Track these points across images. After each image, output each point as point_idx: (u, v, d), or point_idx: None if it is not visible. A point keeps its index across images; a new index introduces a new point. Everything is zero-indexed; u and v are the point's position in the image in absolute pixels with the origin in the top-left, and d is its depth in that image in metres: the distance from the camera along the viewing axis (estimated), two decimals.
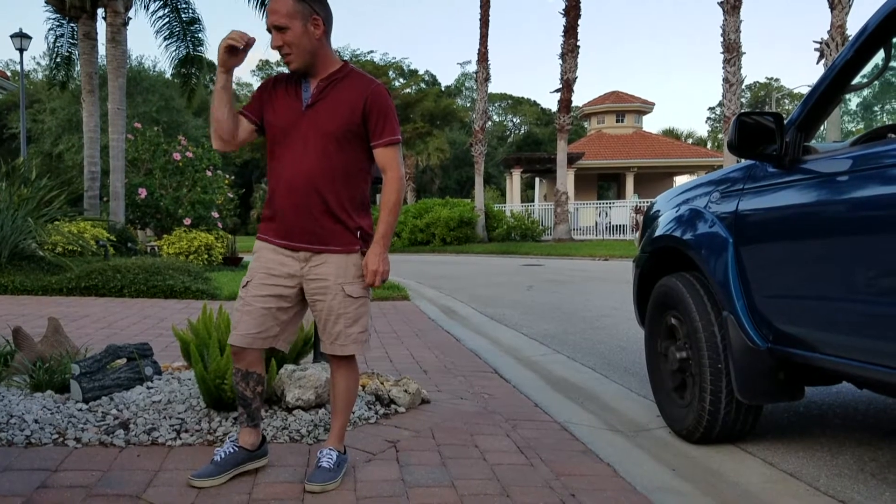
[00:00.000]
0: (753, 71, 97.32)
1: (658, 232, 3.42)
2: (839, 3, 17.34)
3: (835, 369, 2.48)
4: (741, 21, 19.58)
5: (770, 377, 2.75)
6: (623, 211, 27.94)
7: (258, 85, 2.50)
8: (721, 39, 19.79)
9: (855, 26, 18.96)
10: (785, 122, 2.70)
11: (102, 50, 14.86)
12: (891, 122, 3.15)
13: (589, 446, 2.93)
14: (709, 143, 57.59)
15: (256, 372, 2.46)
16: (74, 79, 21.01)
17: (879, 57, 2.57)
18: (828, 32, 17.67)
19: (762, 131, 2.69)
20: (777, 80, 60.32)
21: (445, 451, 2.79)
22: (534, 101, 59.84)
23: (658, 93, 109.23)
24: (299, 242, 2.39)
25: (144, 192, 13.67)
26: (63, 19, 15.70)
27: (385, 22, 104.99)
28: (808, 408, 3.62)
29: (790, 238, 2.58)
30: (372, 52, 43.22)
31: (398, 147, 2.41)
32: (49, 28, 16.14)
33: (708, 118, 66.94)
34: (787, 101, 53.19)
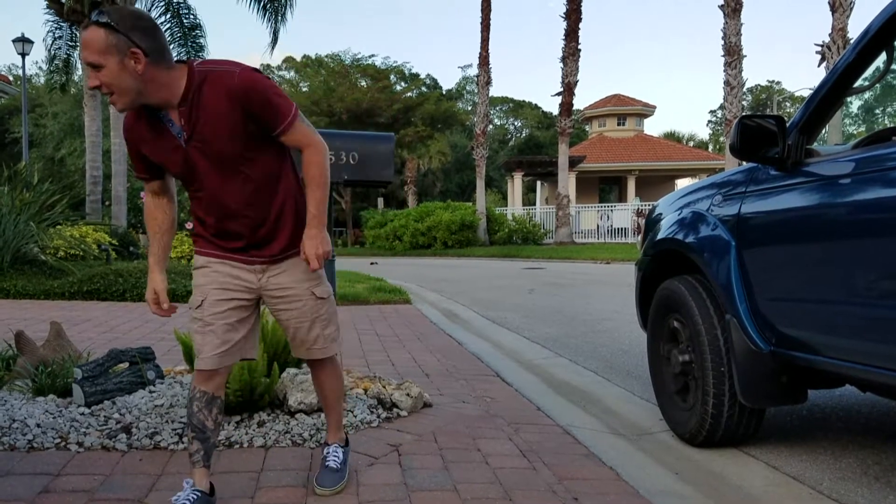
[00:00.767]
0: (754, 74, 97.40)
1: (660, 235, 3.42)
2: (840, 6, 17.35)
3: (838, 372, 2.47)
4: (742, 24, 19.61)
5: (773, 380, 2.75)
6: (625, 214, 27.95)
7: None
8: (722, 42, 19.81)
9: (856, 29, 18.99)
10: (787, 125, 2.70)
11: None
12: (893, 125, 3.15)
13: (591, 450, 2.92)
14: (710, 146, 57.57)
15: (220, 398, 2.26)
16: (76, 83, 21.04)
17: (881, 60, 2.57)
18: (829, 35, 17.68)
19: (764, 134, 2.69)
20: (778, 83, 60.33)
21: (448, 455, 2.78)
22: (535, 105, 59.86)
23: (659, 96, 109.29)
24: (253, 258, 2.23)
25: None
26: (62, 22, 15.75)
27: (386, 25, 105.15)
28: (811, 411, 3.61)
29: (793, 241, 2.57)
30: (373, 56, 43.23)
31: (298, 120, 2.12)
32: (48, 31, 16.19)
33: (709, 121, 66.99)
34: (789, 104, 53.18)
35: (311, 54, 41.15)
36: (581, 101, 60.50)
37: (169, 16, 15.89)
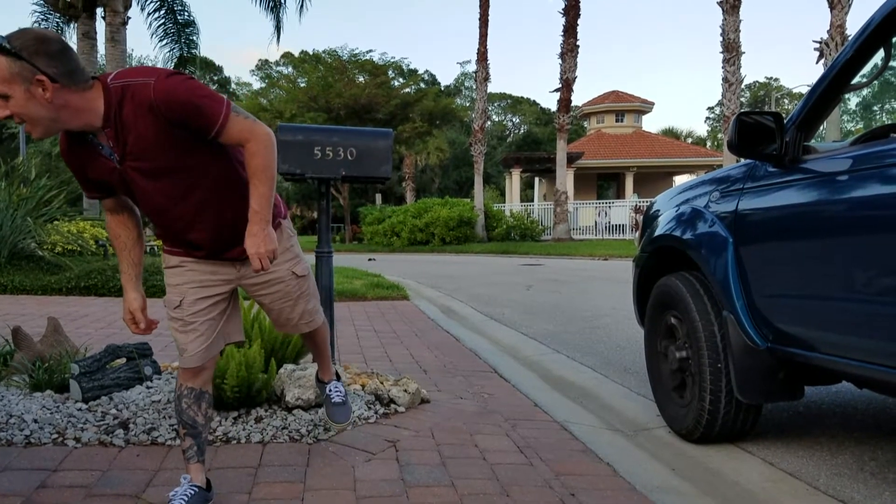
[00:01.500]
0: (753, 70, 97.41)
1: (658, 231, 3.42)
2: (839, 3, 17.35)
3: (834, 369, 2.48)
4: (741, 20, 19.60)
5: (770, 377, 2.76)
6: (622, 210, 27.96)
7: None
8: (720, 39, 19.81)
9: (854, 26, 19.00)
10: (785, 122, 2.70)
11: (102, 49, 14.86)
12: (891, 122, 3.14)
13: (588, 446, 2.93)
14: (708, 143, 57.60)
15: (209, 392, 2.25)
16: None
17: (879, 56, 2.57)
18: (827, 32, 17.69)
19: (762, 131, 2.69)
20: (776, 80, 60.39)
21: (445, 451, 2.79)
22: (533, 101, 59.86)
23: (657, 92, 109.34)
24: (229, 256, 2.18)
25: None
26: (49, 13, 15.69)
27: (384, 21, 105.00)
28: (808, 407, 3.62)
29: (790, 237, 2.58)
30: (371, 52, 43.12)
31: (232, 114, 1.93)
32: (34, 21, 16.09)
33: (707, 118, 66.98)
34: (787, 101, 53.21)
35: (309, 50, 41.10)
36: (579, 98, 60.50)
37: (163, 11, 15.86)
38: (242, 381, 3.00)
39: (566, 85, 24.42)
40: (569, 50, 24.23)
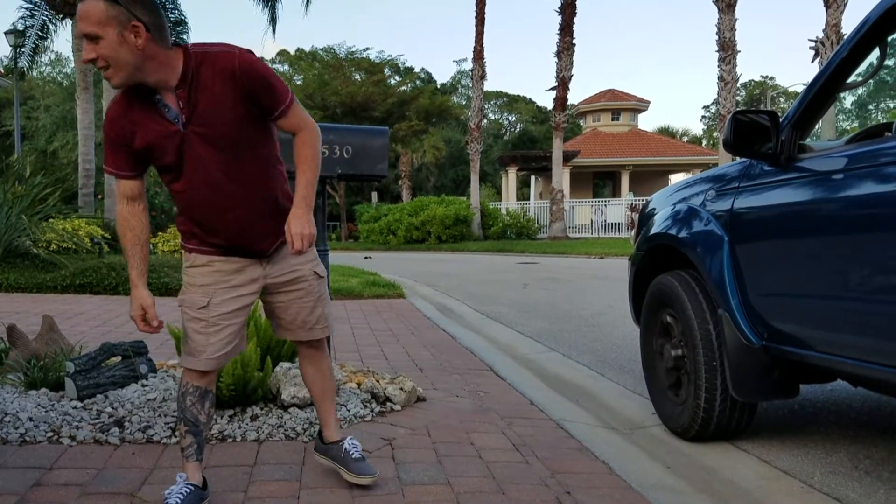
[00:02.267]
0: (748, 69, 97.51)
1: (653, 230, 3.43)
2: (834, 2, 17.38)
3: (829, 367, 2.48)
4: (736, 19, 19.61)
5: (765, 375, 2.76)
6: (618, 209, 27.98)
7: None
8: (716, 38, 19.83)
9: (850, 25, 19.01)
10: (780, 121, 2.71)
11: None
12: (886, 121, 3.15)
13: (584, 444, 2.93)
14: (704, 142, 57.67)
15: (212, 391, 2.24)
16: (69, 76, 20.86)
17: (874, 55, 2.58)
18: (823, 31, 17.72)
19: (757, 129, 2.69)
20: (772, 79, 60.47)
21: (441, 449, 2.79)
22: (529, 99, 59.82)
23: (653, 91, 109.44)
24: (255, 250, 2.17)
25: None
26: (36, 9, 15.59)
27: (380, 19, 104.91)
28: (803, 406, 3.63)
29: (785, 236, 2.58)
30: (368, 50, 43.11)
31: (295, 103, 2.10)
32: (20, 17, 15.98)
33: (703, 116, 67.02)
34: (783, 100, 53.29)
35: (305, 47, 41.02)
36: (575, 96, 60.55)
37: None
38: (238, 380, 2.99)
39: (562, 83, 24.42)
40: (565, 48, 24.23)
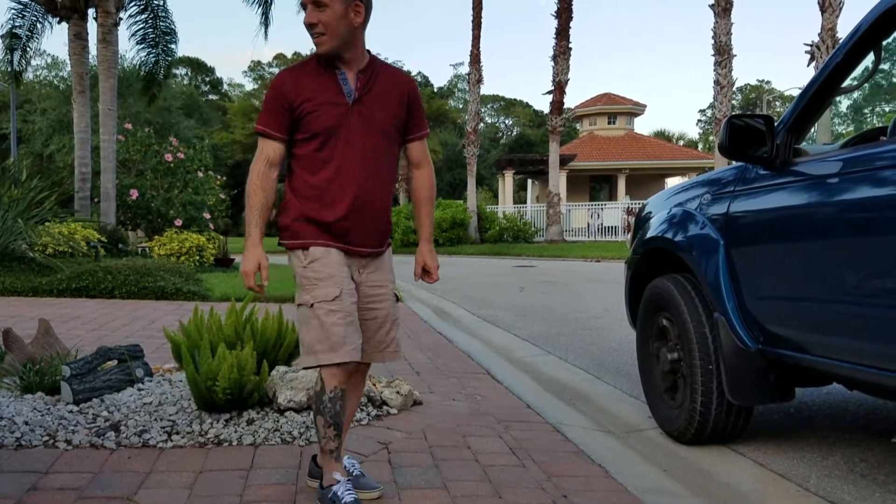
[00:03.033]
0: (744, 73, 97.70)
1: (649, 234, 3.43)
2: (830, 6, 17.45)
3: (825, 370, 2.49)
4: (732, 23, 19.68)
5: (761, 378, 2.77)
6: (615, 212, 28.00)
7: (273, 88, 2.21)
8: (712, 42, 19.89)
9: (845, 29, 19.08)
10: (775, 125, 2.72)
11: (93, 51, 14.81)
12: (881, 125, 3.16)
13: (581, 447, 2.93)
14: (700, 145, 57.78)
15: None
16: (65, 79, 20.84)
17: (870, 59, 2.59)
18: (818, 35, 17.78)
19: (753, 133, 2.70)
20: (768, 83, 60.60)
21: (437, 453, 2.79)
22: (526, 103, 59.94)
23: (649, 95, 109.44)
24: (364, 247, 2.25)
25: (136, 194, 13.63)
26: (26, 10, 15.57)
27: (377, 23, 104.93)
28: (799, 409, 3.64)
29: (781, 240, 2.59)
30: None
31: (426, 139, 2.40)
32: (8, 18, 15.92)
33: (699, 120, 67.17)
34: (778, 104, 53.43)
35: (302, 51, 41.00)
36: (572, 100, 60.64)
37: (146, 16, 15.74)
38: (234, 383, 2.99)
39: (559, 87, 24.45)
40: (561, 52, 24.27)
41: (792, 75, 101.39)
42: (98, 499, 2.27)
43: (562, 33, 24.21)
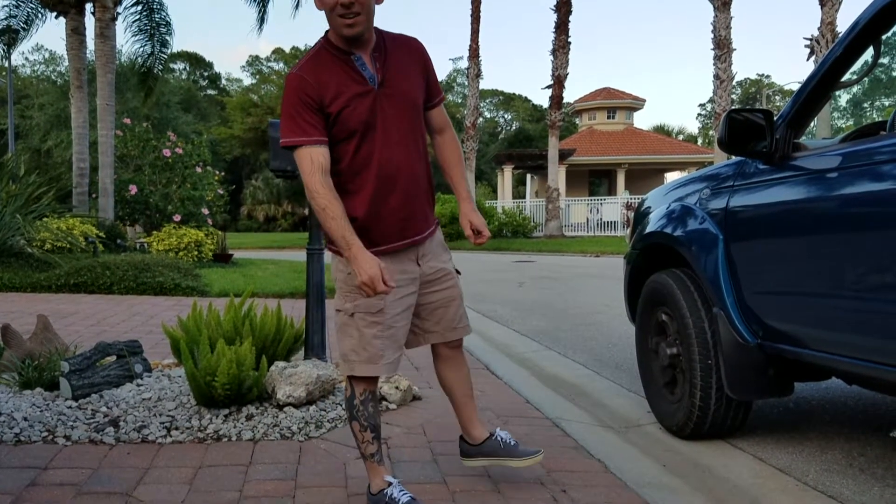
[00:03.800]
0: (744, 67, 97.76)
1: (649, 228, 3.43)
2: (829, 0, 17.42)
3: (824, 365, 2.49)
4: (732, 17, 19.64)
5: (760, 373, 2.77)
6: (614, 207, 27.99)
7: (301, 88, 2.00)
8: (712, 36, 19.85)
9: (845, 23, 19.07)
10: (775, 119, 2.71)
11: (91, 45, 14.77)
12: (881, 119, 3.16)
13: (580, 442, 2.93)
14: (699, 140, 57.77)
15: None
16: (63, 74, 20.76)
17: (869, 54, 2.58)
18: (818, 29, 17.76)
19: (752, 128, 2.70)
20: (768, 77, 60.59)
21: (436, 448, 2.79)
22: (525, 98, 59.88)
23: (649, 89, 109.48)
24: (414, 236, 2.17)
25: (134, 189, 13.62)
26: (21, 3, 15.51)
27: (376, 17, 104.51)
28: (798, 404, 3.64)
29: (780, 235, 2.59)
30: None
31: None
32: (5, 16, 15.87)
33: (698, 115, 67.14)
34: (778, 98, 53.39)
35: (300, 45, 40.95)
36: (571, 95, 60.66)
37: (140, 7, 15.71)
38: (233, 379, 2.99)
39: (558, 82, 24.42)
40: (560, 47, 24.23)
41: (791, 69, 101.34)
42: (97, 494, 2.27)
43: (561, 27, 24.16)
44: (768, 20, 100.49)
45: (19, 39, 16.51)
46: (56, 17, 15.26)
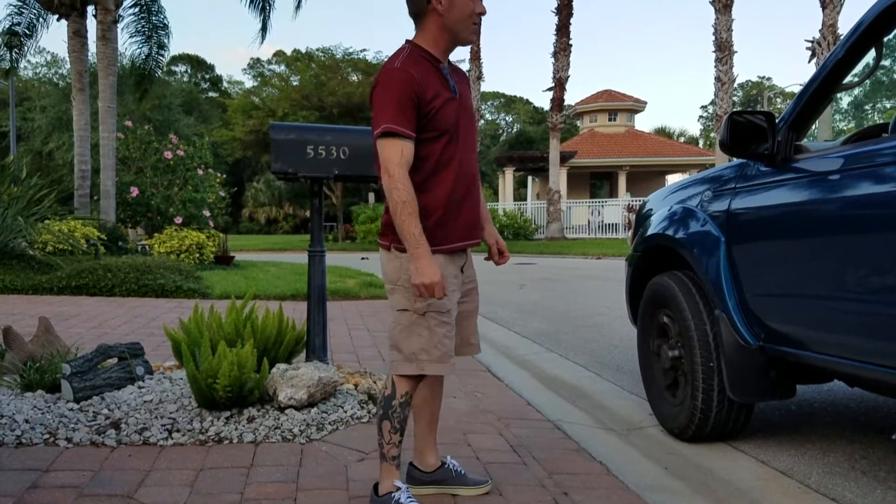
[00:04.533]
0: (745, 70, 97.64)
1: (650, 231, 3.43)
2: (831, 3, 17.43)
3: (826, 367, 2.49)
4: (733, 20, 19.67)
5: (762, 375, 2.76)
6: (615, 209, 27.98)
7: (405, 89, 2.00)
8: (713, 38, 19.88)
9: (846, 25, 19.08)
10: (776, 121, 2.71)
11: (92, 48, 14.78)
12: (882, 121, 3.16)
13: (581, 445, 2.93)
14: (701, 142, 57.75)
15: None
16: (64, 76, 20.80)
17: (871, 56, 2.58)
18: (819, 31, 17.77)
19: (754, 130, 2.70)
20: (769, 79, 60.60)
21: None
22: (526, 100, 59.89)
23: (650, 91, 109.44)
24: (476, 239, 2.27)
25: (136, 191, 13.63)
26: (24, 7, 15.54)
27: (376, 19, 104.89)
28: (800, 406, 3.63)
29: (782, 237, 2.58)
30: (365, 51, 43.09)
31: None
32: (7, 14, 15.88)
33: (700, 117, 67.17)
34: (780, 100, 53.38)
35: (302, 48, 40.98)
36: (572, 97, 60.61)
37: (138, 10, 15.72)
38: (234, 381, 2.99)
39: (559, 84, 24.44)
40: (561, 49, 24.25)
41: (793, 72, 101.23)
42: (98, 497, 2.26)
43: (562, 30, 24.19)
44: (769, 22, 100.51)
45: (25, 46, 16.54)
46: (58, 20, 15.28)
